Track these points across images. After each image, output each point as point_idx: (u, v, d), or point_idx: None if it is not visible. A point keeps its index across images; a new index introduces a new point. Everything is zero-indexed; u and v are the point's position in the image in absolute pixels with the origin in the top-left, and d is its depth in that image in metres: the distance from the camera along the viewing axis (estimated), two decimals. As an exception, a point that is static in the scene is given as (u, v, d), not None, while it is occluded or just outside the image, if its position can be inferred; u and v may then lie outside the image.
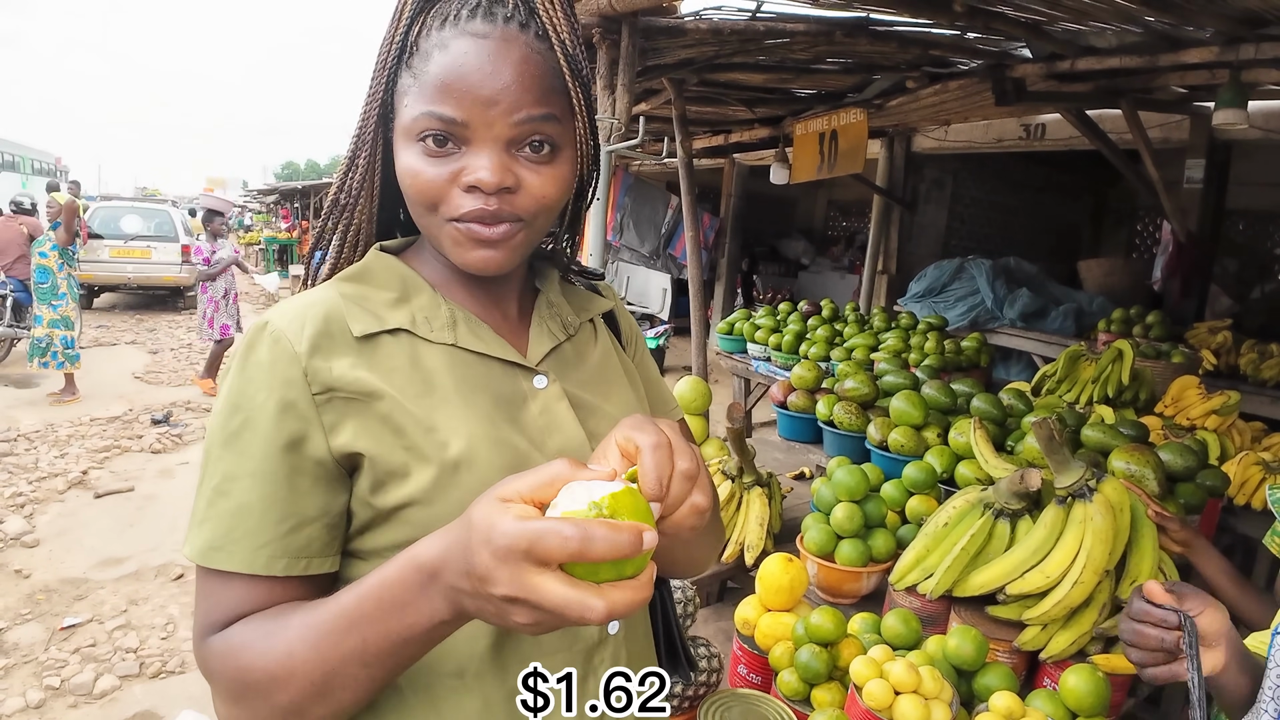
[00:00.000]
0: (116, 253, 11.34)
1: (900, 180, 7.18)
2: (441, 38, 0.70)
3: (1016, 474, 1.61)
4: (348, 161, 0.80)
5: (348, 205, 0.81)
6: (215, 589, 0.69)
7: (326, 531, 0.71)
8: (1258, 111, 4.12)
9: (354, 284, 0.77)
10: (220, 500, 0.69)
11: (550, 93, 0.72)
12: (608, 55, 2.97)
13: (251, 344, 0.72)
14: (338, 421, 0.70)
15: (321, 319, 0.73)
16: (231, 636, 0.68)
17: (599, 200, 2.81)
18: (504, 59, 0.69)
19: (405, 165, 0.73)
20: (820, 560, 1.85)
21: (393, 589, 0.61)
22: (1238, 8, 2.66)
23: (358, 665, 0.63)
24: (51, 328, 6.52)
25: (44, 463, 5.14)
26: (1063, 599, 1.48)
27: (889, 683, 1.31)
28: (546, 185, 0.73)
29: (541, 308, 0.87)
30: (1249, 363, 4.19)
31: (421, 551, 0.60)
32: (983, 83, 3.92)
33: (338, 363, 0.71)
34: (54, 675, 2.97)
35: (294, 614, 0.66)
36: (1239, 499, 2.48)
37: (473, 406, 0.75)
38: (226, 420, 0.70)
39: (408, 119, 0.72)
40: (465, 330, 0.78)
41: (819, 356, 3.94)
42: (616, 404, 0.87)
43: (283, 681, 0.64)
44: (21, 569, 3.75)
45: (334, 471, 0.71)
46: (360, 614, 0.62)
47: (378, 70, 0.74)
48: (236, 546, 0.68)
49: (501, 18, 0.71)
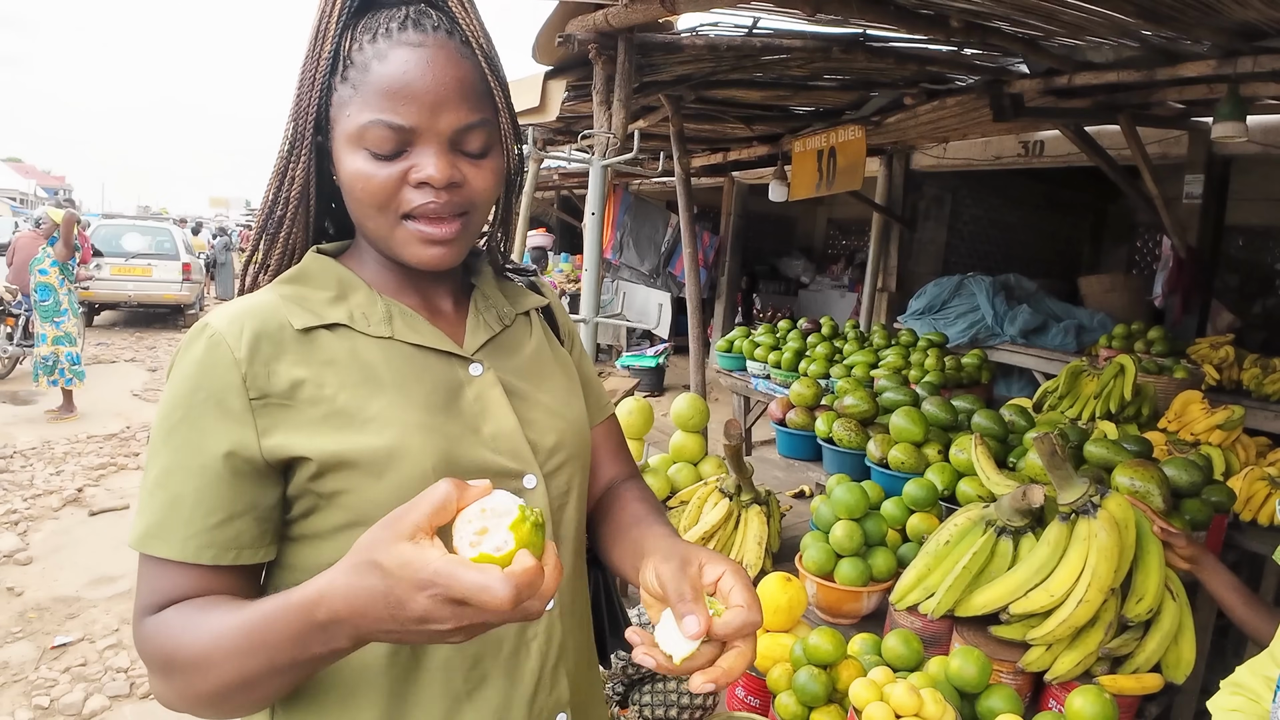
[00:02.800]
0: (117, 270, 11.35)
1: (899, 198, 7.19)
2: (377, 50, 0.75)
3: (1019, 490, 1.58)
4: (279, 175, 0.82)
5: (284, 217, 0.84)
6: (152, 574, 0.74)
7: (256, 525, 0.76)
8: (1256, 126, 4.12)
9: (293, 285, 0.81)
10: (158, 491, 0.74)
11: (480, 94, 0.79)
12: (604, 71, 2.98)
13: (191, 344, 0.76)
14: (272, 425, 0.74)
15: (260, 322, 0.76)
16: (160, 623, 0.73)
17: (594, 216, 2.80)
18: (441, 64, 0.75)
19: (353, 170, 0.77)
20: (819, 579, 1.82)
21: (292, 626, 0.65)
22: (1235, 20, 2.66)
23: (268, 674, 0.68)
24: (56, 345, 6.49)
25: (39, 480, 5.12)
26: (1068, 618, 1.44)
27: (890, 706, 1.27)
28: (486, 178, 0.80)
29: (478, 301, 0.92)
30: (1252, 378, 4.16)
31: (322, 601, 0.63)
32: (980, 99, 3.94)
33: (276, 365, 0.76)
34: (44, 695, 2.93)
35: (213, 614, 0.71)
36: (1245, 514, 2.45)
37: (409, 396, 0.79)
38: (167, 415, 0.75)
39: (353, 127, 0.76)
40: (402, 324, 0.83)
41: (818, 374, 3.91)
42: (548, 392, 0.92)
43: (203, 673, 0.69)
44: (14, 586, 3.72)
45: (264, 470, 0.75)
46: (263, 641, 0.66)
47: (306, 85, 0.78)
48: (170, 535, 0.72)
49: (430, 27, 0.76)
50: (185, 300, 11.96)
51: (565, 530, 0.91)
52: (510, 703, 0.83)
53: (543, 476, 0.87)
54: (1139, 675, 1.49)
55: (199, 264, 13.03)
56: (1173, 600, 1.55)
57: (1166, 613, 1.53)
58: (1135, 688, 1.46)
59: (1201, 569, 1.65)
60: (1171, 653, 1.54)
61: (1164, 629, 1.52)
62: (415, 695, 0.79)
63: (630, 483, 1.06)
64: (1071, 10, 2.69)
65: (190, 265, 12.02)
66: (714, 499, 2.08)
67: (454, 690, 0.80)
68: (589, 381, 1.06)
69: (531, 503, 0.85)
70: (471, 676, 0.81)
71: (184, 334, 3.11)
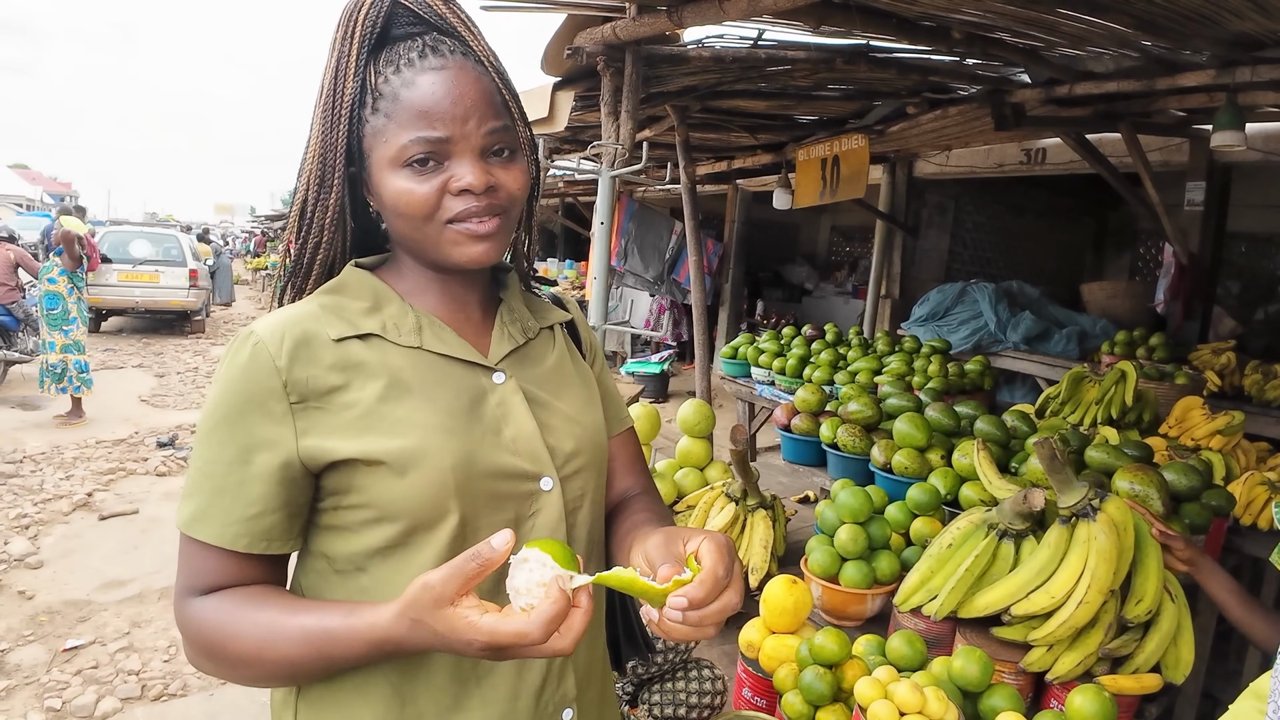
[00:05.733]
0: (124, 276, 11.42)
1: (902, 205, 7.21)
2: (403, 79, 0.82)
3: (1020, 494, 1.60)
4: (312, 205, 0.88)
5: (320, 243, 0.89)
6: (193, 556, 0.82)
7: (288, 519, 0.83)
8: (1256, 134, 4.16)
9: (332, 296, 0.88)
10: (204, 481, 0.81)
11: (500, 106, 0.86)
12: (612, 83, 3.01)
13: (238, 350, 0.82)
14: (309, 427, 0.81)
15: (301, 330, 0.83)
16: (208, 608, 0.81)
17: (603, 225, 2.84)
18: (465, 83, 0.83)
19: (396, 189, 0.83)
20: (825, 582, 1.85)
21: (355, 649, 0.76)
22: (1233, 31, 2.69)
23: (321, 670, 0.79)
24: (65, 353, 6.55)
25: (49, 485, 5.15)
26: (1068, 619, 1.47)
27: (894, 704, 1.30)
28: (516, 180, 0.87)
29: (503, 314, 0.98)
30: (1253, 384, 4.18)
31: (388, 640, 0.75)
32: (982, 108, 3.96)
33: (314, 371, 0.82)
34: (55, 697, 2.96)
35: (264, 610, 0.80)
36: (1245, 519, 2.47)
37: (434, 401, 0.85)
38: (213, 412, 0.81)
39: (392, 150, 0.82)
40: (430, 334, 0.89)
41: (823, 380, 3.94)
42: (567, 401, 0.97)
43: (253, 664, 0.79)
44: (25, 590, 3.76)
45: (300, 469, 0.82)
46: (325, 650, 0.77)
47: (331, 122, 0.85)
48: (212, 521, 0.80)
49: (448, 51, 0.84)
50: (192, 306, 12.01)
51: (579, 533, 0.95)
52: (518, 692, 0.88)
53: (559, 480, 0.91)
54: (1139, 675, 1.52)
55: (205, 270, 13.09)
56: (1171, 602, 1.58)
57: (1165, 614, 1.56)
58: (1135, 688, 1.49)
59: (1199, 571, 1.68)
60: (1170, 653, 1.56)
61: (1163, 630, 1.55)
62: (426, 676, 0.85)
63: (643, 496, 1.09)
64: (1072, 22, 2.72)
65: (197, 271, 12.08)
66: (720, 503, 2.12)
67: (463, 675, 0.86)
68: (609, 394, 1.11)
69: (548, 505, 0.90)
70: (481, 664, 0.86)
71: (190, 340, 3.17)
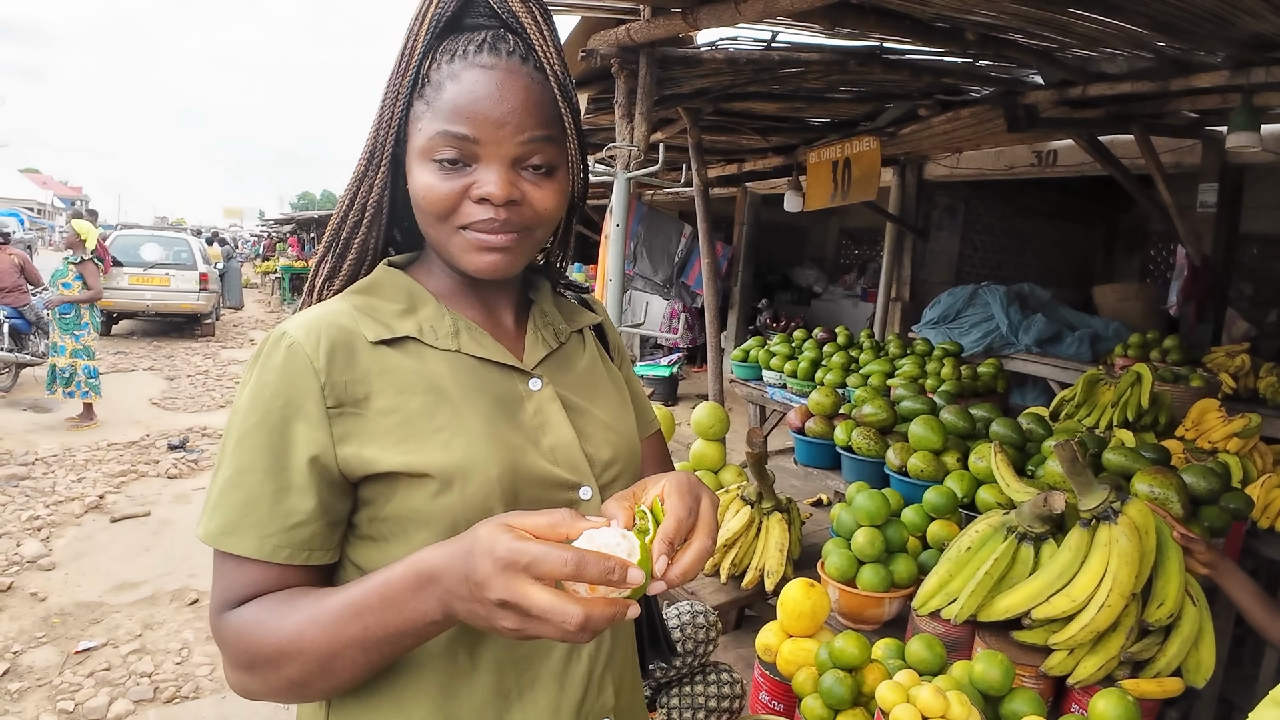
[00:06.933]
0: (135, 280, 11.47)
1: (913, 207, 7.20)
2: (452, 70, 0.79)
3: (1040, 497, 1.60)
4: (357, 181, 0.86)
5: (360, 222, 0.87)
6: (229, 570, 0.78)
7: (328, 528, 0.79)
8: (1270, 134, 4.13)
9: (364, 296, 0.85)
10: (233, 490, 0.76)
11: (548, 118, 0.81)
12: (626, 85, 3.02)
13: (271, 352, 0.79)
14: (347, 433, 0.78)
15: (336, 332, 0.80)
16: (245, 614, 0.76)
17: (618, 227, 2.84)
18: (510, 87, 0.79)
19: (420, 181, 0.81)
20: (842, 585, 1.84)
21: (393, 586, 0.70)
22: (1247, 31, 2.67)
23: (358, 650, 0.72)
24: (75, 357, 6.58)
25: (61, 487, 5.17)
26: (1089, 623, 1.46)
27: (917, 708, 1.29)
28: (546, 199, 0.82)
29: (536, 317, 0.96)
30: (1268, 386, 4.15)
31: (423, 558, 0.69)
32: (994, 110, 3.96)
33: (351, 375, 0.79)
34: (68, 699, 2.96)
35: (303, 599, 0.75)
36: (1262, 522, 2.46)
37: (474, 407, 0.82)
38: (245, 418, 0.77)
39: (423, 140, 0.80)
40: (468, 338, 0.86)
41: (835, 383, 3.93)
42: (602, 407, 0.95)
43: (291, 657, 0.73)
44: (37, 592, 3.77)
45: (338, 477, 0.78)
46: (365, 605, 0.71)
47: (390, 100, 0.83)
48: (247, 534, 0.76)
49: (505, 52, 0.80)
50: (202, 309, 12.06)
51: None
52: (559, 706, 0.85)
53: (598, 489, 0.89)
54: (1160, 679, 1.50)
55: (215, 273, 13.16)
56: (1193, 605, 1.56)
57: (1186, 617, 1.55)
58: (1156, 691, 1.48)
59: (1221, 574, 1.67)
60: (1191, 657, 1.55)
61: (1184, 634, 1.54)
62: (469, 691, 0.82)
63: None
64: (1086, 23, 2.71)
65: (207, 275, 12.13)
66: (735, 506, 2.11)
67: (505, 689, 0.83)
68: (637, 397, 1.09)
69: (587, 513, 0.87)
70: (523, 678, 0.83)
71: (201, 342, 3.13)
